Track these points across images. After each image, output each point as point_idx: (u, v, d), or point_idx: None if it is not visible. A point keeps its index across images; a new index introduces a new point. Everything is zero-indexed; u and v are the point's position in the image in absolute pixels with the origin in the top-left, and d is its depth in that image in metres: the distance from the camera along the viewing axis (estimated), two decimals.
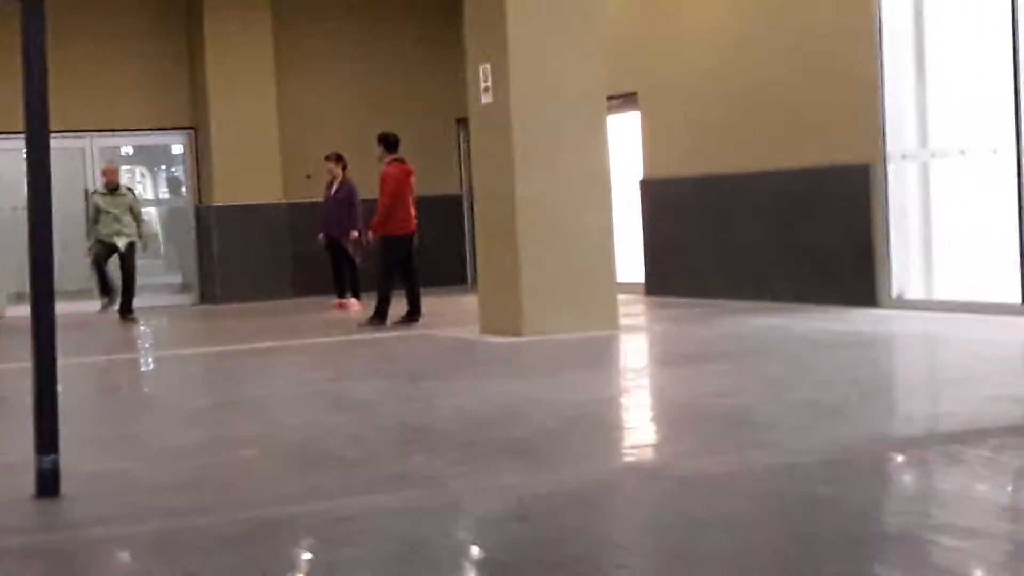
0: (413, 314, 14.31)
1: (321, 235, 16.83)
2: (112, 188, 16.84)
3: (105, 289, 16.85)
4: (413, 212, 14.46)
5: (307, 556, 5.37)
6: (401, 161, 14.53)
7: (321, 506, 6.03)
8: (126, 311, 16.72)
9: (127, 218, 16.67)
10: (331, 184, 16.92)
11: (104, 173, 17.15)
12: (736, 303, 14.52)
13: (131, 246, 16.74)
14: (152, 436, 8.30)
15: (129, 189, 17.33)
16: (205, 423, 8.66)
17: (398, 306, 14.27)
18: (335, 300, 16.90)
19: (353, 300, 16.75)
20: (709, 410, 8.09)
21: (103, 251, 16.70)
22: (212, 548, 5.39)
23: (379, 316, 14.09)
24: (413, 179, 14.58)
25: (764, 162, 14.47)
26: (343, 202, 16.69)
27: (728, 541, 5.22)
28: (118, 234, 16.62)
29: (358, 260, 16.69)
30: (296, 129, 18.96)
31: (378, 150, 14.63)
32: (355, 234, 16.54)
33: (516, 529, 5.58)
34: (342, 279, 16.90)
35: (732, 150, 14.95)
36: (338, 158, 16.97)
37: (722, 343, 11.54)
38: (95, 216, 16.71)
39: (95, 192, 16.96)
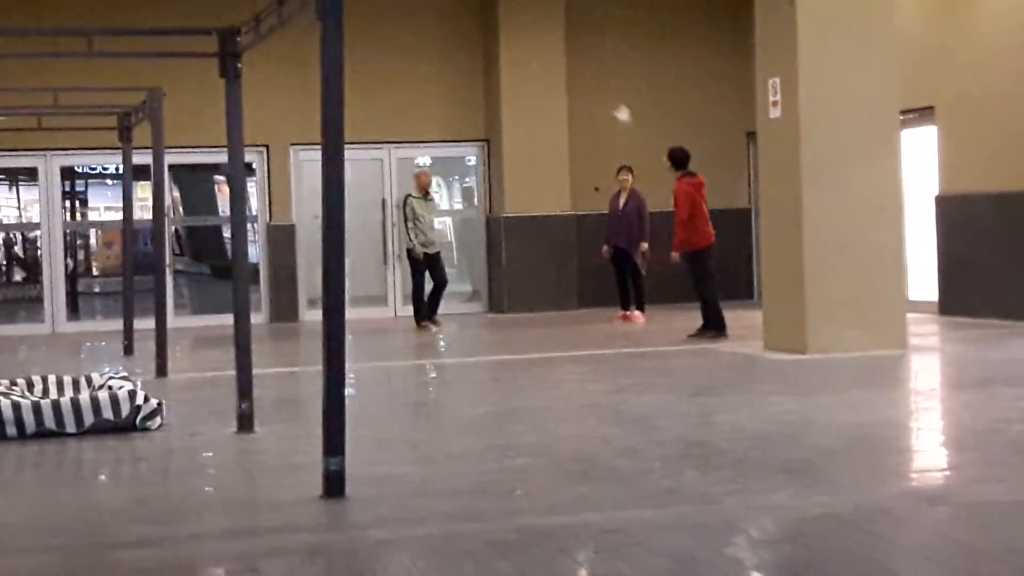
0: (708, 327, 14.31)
1: (606, 246, 16.93)
2: (426, 193, 17.12)
3: (421, 310, 16.90)
4: (710, 223, 14.54)
5: (578, 567, 5.43)
6: (691, 175, 14.56)
7: (592, 517, 6.09)
8: (432, 315, 17.02)
9: (437, 226, 17.05)
10: (618, 195, 17.01)
11: (418, 177, 17.33)
12: None
13: (439, 254, 17.11)
14: (433, 442, 8.51)
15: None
16: (485, 431, 8.83)
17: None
18: (620, 312, 16.97)
19: (637, 312, 16.79)
20: (998, 436, 7.82)
21: (422, 264, 16.90)
22: (486, 554, 5.50)
23: (716, 327, 14.16)
24: (705, 190, 14.65)
25: None
26: (631, 214, 16.75)
27: (1009, 572, 5.04)
28: (433, 243, 16.96)
29: (643, 272, 16.74)
30: (586, 142, 19.12)
31: (667, 165, 14.75)
32: (644, 246, 16.60)
33: (789, 550, 5.52)
34: (627, 291, 16.96)
35: None
36: (630, 170, 17.05)
37: (1016, 366, 11.11)
38: (413, 219, 16.91)
39: (410, 196, 17.09)
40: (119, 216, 16.10)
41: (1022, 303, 14.48)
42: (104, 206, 24.18)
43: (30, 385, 10.05)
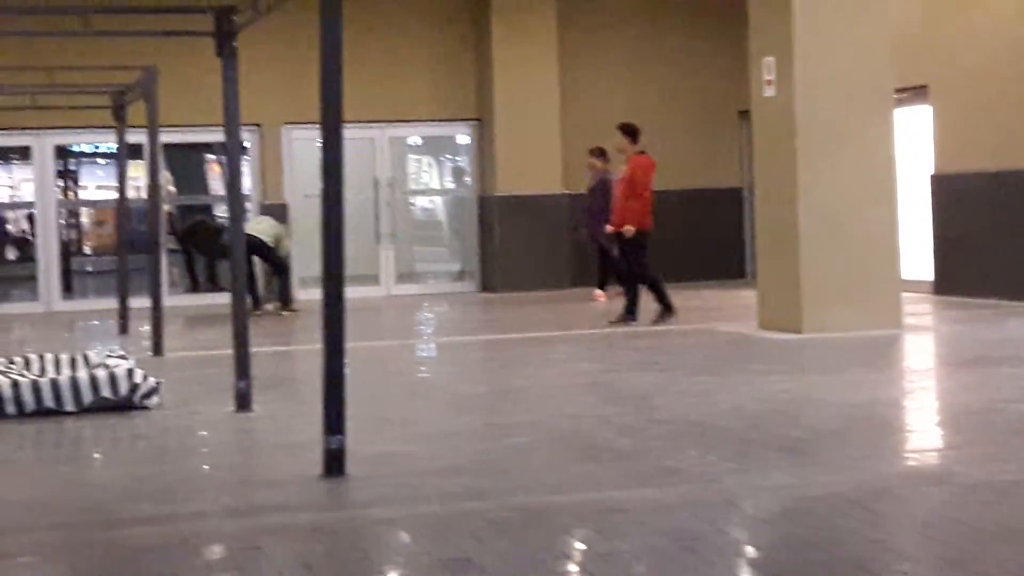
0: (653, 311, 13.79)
1: (582, 228, 17.06)
2: None
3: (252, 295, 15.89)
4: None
5: (578, 546, 5.43)
6: (644, 153, 13.96)
7: (593, 496, 6.10)
8: (284, 303, 16.60)
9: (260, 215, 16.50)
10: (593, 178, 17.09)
11: None
12: None
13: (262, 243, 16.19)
14: (431, 420, 8.51)
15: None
16: (481, 409, 8.84)
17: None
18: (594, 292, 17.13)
19: (598, 291, 16.92)
20: (997, 415, 7.83)
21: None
22: (486, 533, 5.51)
23: (631, 312, 13.67)
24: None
25: None
26: (598, 195, 16.71)
27: (1012, 551, 5.06)
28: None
29: (614, 252, 16.69)
30: (578, 121, 19.09)
31: (622, 140, 13.99)
32: (609, 228, 16.47)
33: (789, 529, 5.53)
34: (604, 271, 17.05)
35: None
36: (600, 152, 16.96)
37: (1013, 346, 11.13)
38: None
39: None
40: (111, 195, 16.07)
41: (1016, 282, 14.50)
42: (96, 185, 24.16)
43: (28, 363, 10.04)
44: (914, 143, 15.96)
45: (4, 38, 15.66)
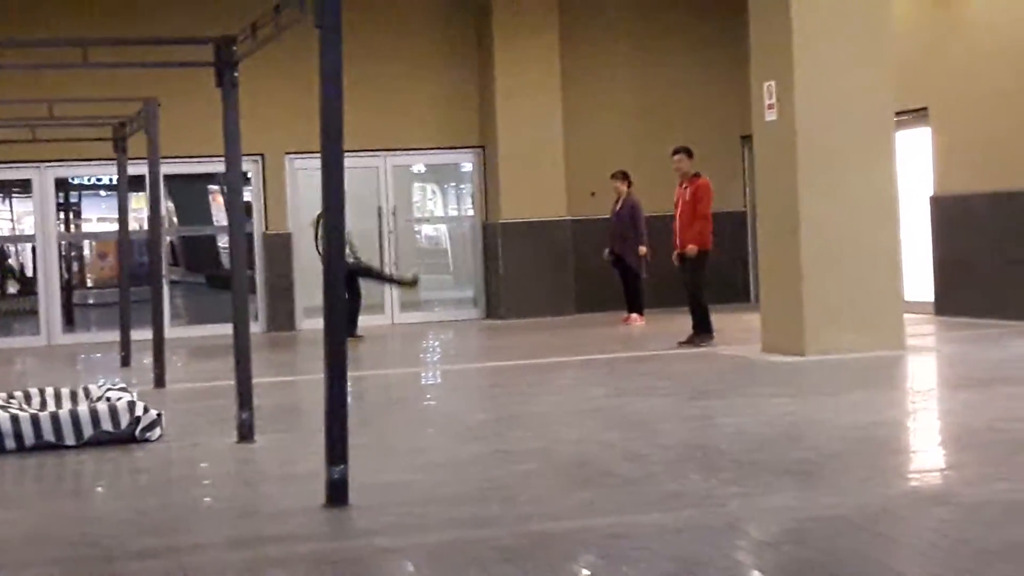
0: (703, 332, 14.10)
1: (607, 251, 17.12)
2: None
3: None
4: None
5: (584, 572, 5.42)
6: (699, 174, 14.34)
7: (598, 522, 6.08)
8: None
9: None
10: (616, 201, 17.23)
11: None
12: None
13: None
14: (435, 449, 8.50)
15: None
16: (486, 437, 8.81)
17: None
18: (624, 315, 17.13)
19: (634, 315, 16.90)
20: (999, 435, 7.82)
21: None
22: (492, 560, 5.49)
23: (708, 331, 13.91)
24: None
25: None
26: (626, 218, 16.94)
27: (1014, 570, 5.04)
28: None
29: (644, 275, 16.84)
30: (581, 147, 19.12)
31: (685, 162, 14.33)
32: (643, 250, 16.69)
33: (793, 552, 5.52)
34: (630, 294, 17.14)
35: None
36: (623, 176, 17.26)
37: (1014, 366, 11.11)
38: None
39: None
40: (113, 227, 16.06)
41: (1017, 303, 14.49)
42: (97, 217, 24.17)
43: (28, 398, 10.02)
44: (914, 165, 15.97)
45: (4, 71, 15.74)
